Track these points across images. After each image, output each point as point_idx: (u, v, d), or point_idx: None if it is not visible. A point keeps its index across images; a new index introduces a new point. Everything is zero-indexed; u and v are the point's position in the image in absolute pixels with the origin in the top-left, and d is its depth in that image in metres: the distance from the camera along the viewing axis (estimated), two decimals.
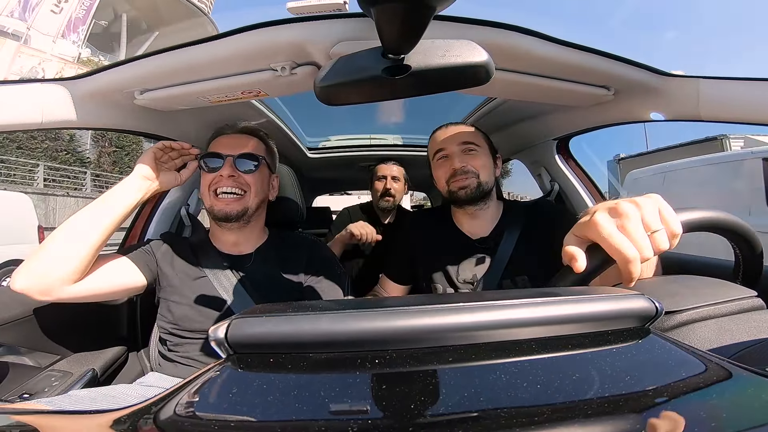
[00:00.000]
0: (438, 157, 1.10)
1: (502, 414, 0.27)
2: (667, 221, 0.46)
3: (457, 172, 1.05)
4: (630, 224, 0.45)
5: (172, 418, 0.28)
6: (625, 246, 0.44)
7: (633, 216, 0.46)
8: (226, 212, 0.97)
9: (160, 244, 1.04)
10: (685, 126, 30.91)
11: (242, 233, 1.05)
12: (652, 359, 0.34)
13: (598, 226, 0.46)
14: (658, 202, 0.48)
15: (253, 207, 1.01)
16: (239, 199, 0.98)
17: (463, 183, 1.04)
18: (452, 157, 1.06)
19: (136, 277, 0.94)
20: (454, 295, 0.94)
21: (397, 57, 0.59)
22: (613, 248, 0.45)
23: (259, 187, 1.02)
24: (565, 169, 1.54)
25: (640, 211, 0.46)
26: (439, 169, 1.09)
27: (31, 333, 0.98)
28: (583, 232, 0.49)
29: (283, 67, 0.85)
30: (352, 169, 2.51)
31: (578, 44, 0.87)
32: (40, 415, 0.38)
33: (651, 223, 0.46)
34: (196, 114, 1.17)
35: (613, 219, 0.47)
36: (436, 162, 1.11)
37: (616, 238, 0.45)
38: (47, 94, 0.90)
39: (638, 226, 0.45)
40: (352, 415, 0.27)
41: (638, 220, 0.46)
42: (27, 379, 0.94)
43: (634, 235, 0.45)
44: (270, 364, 0.33)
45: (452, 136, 1.09)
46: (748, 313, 0.47)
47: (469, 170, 1.05)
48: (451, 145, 1.07)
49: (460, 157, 1.06)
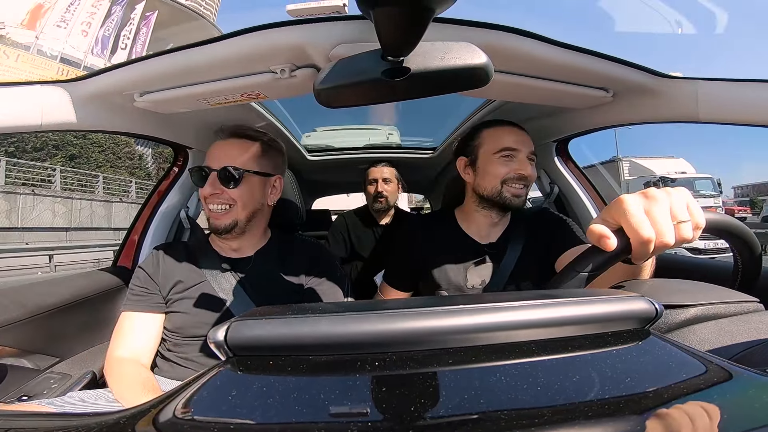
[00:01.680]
0: (503, 154, 1.05)
1: (503, 416, 0.27)
2: (694, 214, 0.47)
3: (524, 179, 1.04)
4: (657, 208, 0.46)
5: (171, 421, 0.28)
6: (644, 225, 0.45)
7: (662, 201, 0.47)
8: (216, 226, 0.98)
9: (155, 266, 1.02)
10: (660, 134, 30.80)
11: (241, 239, 1.05)
12: (652, 361, 0.34)
13: (624, 203, 0.47)
14: (687, 196, 0.49)
15: (243, 219, 0.99)
16: (227, 213, 0.98)
17: (520, 192, 1.04)
18: (523, 162, 1.05)
19: (157, 323, 0.98)
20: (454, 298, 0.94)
21: (397, 59, 0.59)
22: (631, 226, 0.46)
23: (246, 200, 0.99)
24: (565, 171, 1.54)
25: (669, 199, 0.47)
26: (500, 167, 1.04)
27: (30, 335, 0.97)
28: (610, 213, 0.49)
29: (282, 70, 0.85)
30: (352, 172, 2.52)
31: (577, 46, 0.87)
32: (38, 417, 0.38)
33: (679, 213, 0.47)
34: (195, 116, 1.18)
35: (641, 201, 0.47)
36: (497, 158, 1.05)
37: (637, 217, 0.46)
38: (47, 95, 0.90)
39: (665, 211, 0.46)
40: (352, 418, 0.27)
41: (666, 207, 0.47)
42: (26, 381, 0.94)
43: (658, 218, 0.46)
44: (269, 366, 0.33)
45: (526, 140, 1.08)
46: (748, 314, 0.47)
47: (531, 180, 1.06)
48: (524, 150, 1.06)
49: (530, 166, 1.05)
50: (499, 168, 1.04)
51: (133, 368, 0.87)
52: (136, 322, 0.96)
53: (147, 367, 0.92)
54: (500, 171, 1.04)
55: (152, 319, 0.97)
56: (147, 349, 0.95)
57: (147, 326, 0.96)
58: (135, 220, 1.42)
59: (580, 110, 1.21)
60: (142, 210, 1.42)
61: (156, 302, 0.98)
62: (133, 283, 1.01)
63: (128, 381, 0.84)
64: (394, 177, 2.08)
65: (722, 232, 0.55)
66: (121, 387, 0.81)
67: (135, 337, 0.94)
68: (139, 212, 1.43)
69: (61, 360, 1.04)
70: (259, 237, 1.08)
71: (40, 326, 1.00)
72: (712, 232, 0.53)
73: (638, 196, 0.48)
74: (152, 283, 0.99)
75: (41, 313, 1.00)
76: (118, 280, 1.26)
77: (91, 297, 1.16)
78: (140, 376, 0.86)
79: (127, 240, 1.40)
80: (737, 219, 0.58)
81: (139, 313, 0.97)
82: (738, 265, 0.62)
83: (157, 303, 0.98)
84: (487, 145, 1.08)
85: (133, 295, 0.99)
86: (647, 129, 46.71)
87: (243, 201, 0.98)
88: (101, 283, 1.23)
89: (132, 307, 0.97)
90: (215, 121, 1.30)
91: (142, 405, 0.31)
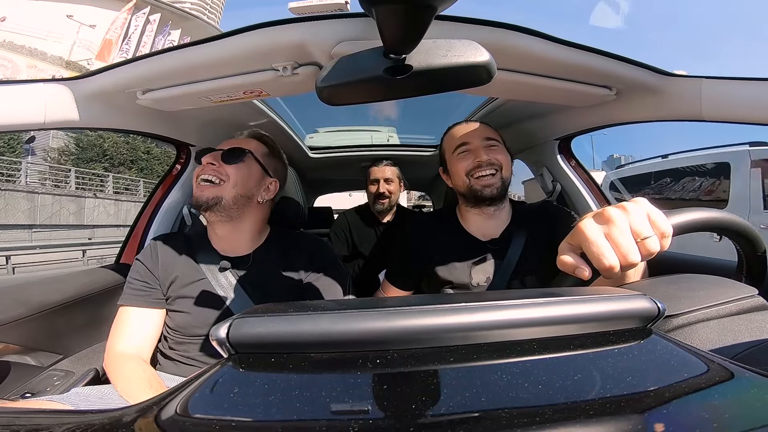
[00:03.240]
0: (460, 151, 1.08)
1: (504, 414, 0.27)
2: (657, 224, 0.46)
3: (482, 164, 1.04)
4: (615, 231, 0.45)
5: (173, 418, 0.28)
6: (605, 252, 0.44)
7: (619, 222, 0.45)
8: (198, 198, 0.97)
9: (154, 259, 1.01)
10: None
11: (229, 228, 1.03)
12: (654, 360, 0.34)
13: (582, 233, 0.47)
14: (646, 206, 0.47)
15: (229, 198, 0.97)
16: (214, 187, 0.97)
17: (489, 181, 1.04)
18: (476, 150, 1.06)
19: (157, 319, 0.98)
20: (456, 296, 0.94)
21: (399, 57, 0.58)
22: (593, 255, 0.45)
23: (239, 180, 0.99)
24: (567, 170, 1.54)
25: (627, 217, 0.46)
26: (460, 163, 1.08)
27: (33, 332, 0.98)
28: (573, 239, 0.49)
29: (284, 67, 0.85)
30: (354, 169, 2.52)
31: (580, 44, 0.87)
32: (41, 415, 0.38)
33: (641, 230, 0.45)
34: (198, 114, 1.18)
35: (600, 225, 0.46)
36: (456, 156, 1.10)
37: (597, 245, 0.45)
38: (50, 93, 0.91)
39: (624, 232, 0.45)
40: (353, 415, 0.27)
41: (625, 227, 0.45)
42: (29, 379, 0.94)
43: (620, 241, 0.45)
44: (271, 363, 0.33)
45: (475, 131, 1.10)
46: (750, 313, 0.46)
47: (494, 162, 1.05)
48: (475, 140, 1.07)
49: (485, 151, 1.05)
50: (459, 164, 1.08)
51: (135, 364, 0.87)
52: (136, 317, 0.95)
53: (148, 362, 0.92)
54: (461, 166, 1.08)
55: (153, 314, 0.97)
56: (147, 344, 0.95)
57: (147, 322, 0.96)
58: (138, 217, 1.42)
59: (582, 108, 1.21)
60: (146, 207, 1.43)
61: (156, 298, 0.98)
62: (132, 276, 1.00)
63: (133, 377, 0.84)
64: (396, 176, 2.06)
65: (698, 228, 0.52)
66: (126, 383, 0.82)
67: (135, 332, 0.94)
68: (142, 209, 1.44)
69: (64, 357, 1.04)
70: (255, 234, 1.07)
71: (44, 323, 1.00)
72: (686, 232, 0.51)
73: (596, 222, 0.47)
74: (152, 276, 0.99)
75: (45, 310, 1.00)
76: (121, 277, 1.27)
77: (94, 294, 1.17)
78: (144, 372, 0.86)
79: (130, 237, 1.41)
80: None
81: (138, 308, 0.96)
82: (741, 256, 0.60)
83: (158, 299, 0.98)
84: (447, 150, 1.15)
85: (132, 288, 0.98)
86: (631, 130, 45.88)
87: (235, 180, 0.98)
88: (104, 280, 1.24)
89: (132, 301, 0.96)
90: (218, 119, 1.30)
91: (144, 402, 0.31)
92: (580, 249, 0.48)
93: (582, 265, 0.47)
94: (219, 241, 1.05)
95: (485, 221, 1.11)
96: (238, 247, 1.05)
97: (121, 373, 0.85)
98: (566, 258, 0.48)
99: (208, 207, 0.97)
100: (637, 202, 0.48)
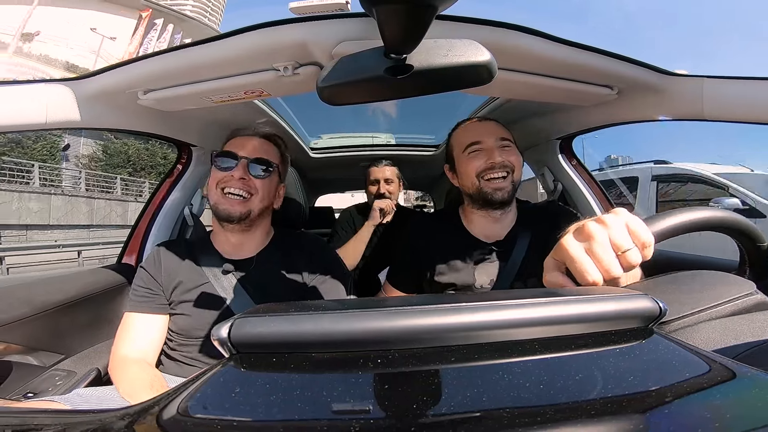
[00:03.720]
0: (471, 149, 1.04)
1: (505, 414, 0.26)
2: (637, 235, 0.46)
3: (496, 166, 1.01)
4: (596, 246, 0.45)
5: (175, 418, 0.28)
6: (587, 269, 0.45)
7: (599, 237, 0.45)
8: (230, 212, 0.98)
9: (157, 265, 1.02)
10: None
11: (244, 236, 1.05)
12: (655, 359, 0.33)
13: (565, 250, 0.47)
14: (625, 216, 0.47)
15: (257, 211, 1.01)
16: (244, 202, 0.99)
17: (500, 185, 1.01)
18: (490, 150, 1.02)
19: (161, 324, 0.98)
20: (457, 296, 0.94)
21: (400, 57, 0.58)
22: (576, 272, 0.45)
23: (265, 193, 1.02)
24: (569, 169, 1.53)
25: (607, 231, 0.46)
26: (471, 162, 1.04)
27: (36, 332, 0.98)
28: (557, 254, 0.49)
29: (285, 67, 0.85)
30: (355, 169, 2.52)
31: (581, 43, 0.87)
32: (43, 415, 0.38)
33: (621, 242, 0.45)
34: (199, 114, 1.18)
35: (580, 242, 0.46)
36: (467, 155, 1.05)
37: (579, 262, 0.45)
38: (51, 94, 0.91)
39: (604, 247, 0.45)
40: (355, 415, 0.27)
41: (605, 241, 0.45)
42: (31, 378, 0.94)
43: (601, 256, 0.45)
44: (273, 363, 0.33)
45: (489, 129, 1.05)
46: (752, 313, 0.46)
47: (507, 164, 1.02)
48: (489, 139, 1.03)
49: (499, 152, 1.02)
50: (470, 164, 1.04)
51: (139, 367, 0.88)
52: (140, 323, 0.96)
53: (152, 366, 0.93)
54: (472, 167, 1.03)
55: (157, 320, 0.97)
56: (152, 349, 0.95)
57: (151, 327, 0.96)
58: (139, 218, 1.42)
59: (584, 108, 1.21)
60: (146, 207, 1.43)
61: (160, 304, 0.98)
62: (136, 284, 1.01)
63: (136, 379, 0.84)
64: (396, 176, 2.05)
65: (680, 231, 0.52)
66: (129, 385, 0.82)
67: (140, 337, 0.95)
68: (143, 210, 1.44)
69: (66, 357, 1.05)
70: (261, 237, 1.08)
71: (46, 323, 1.00)
72: (669, 237, 0.51)
73: (576, 238, 0.47)
74: (155, 283, 0.99)
75: (47, 310, 1.00)
76: (122, 277, 1.27)
77: (96, 294, 1.17)
78: (148, 374, 0.87)
79: (131, 237, 1.41)
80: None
81: (143, 314, 0.97)
82: (742, 252, 0.59)
83: (161, 305, 0.98)
84: (457, 147, 1.10)
85: (137, 295, 0.99)
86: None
87: (263, 193, 1.01)
88: (106, 280, 1.24)
89: (136, 308, 0.98)
90: (218, 119, 1.30)
91: (145, 402, 0.31)
92: (564, 265, 0.48)
93: (567, 283, 0.47)
94: (224, 245, 1.06)
95: (491, 224, 1.09)
96: (244, 250, 1.06)
97: (124, 376, 0.85)
98: (551, 277, 0.49)
99: (238, 221, 0.98)
100: (617, 213, 0.48)
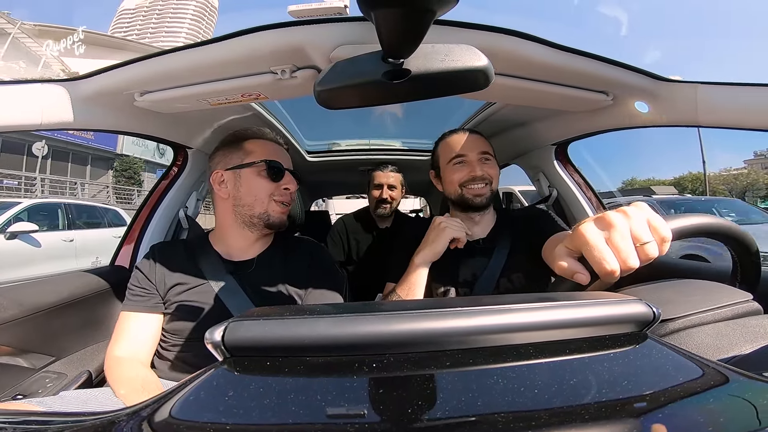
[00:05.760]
0: (455, 162, 1.14)
1: (500, 418, 0.26)
2: (657, 229, 0.46)
3: (477, 179, 1.11)
4: (616, 235, 0.45)
5: (166, 421, 0.28)
6: (606, 257, 0.44)
7: (620, 227, 0.46)
8: (283, 221, 1.03)
9: (151, 266, 1.01)
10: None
11: (257, 239, 1.06)
12: (649, 364, 0.34)
13: (583, 236, 0.47)
14: (646, 211, 0.47)
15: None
16: (287, 209, 1.05)
17: (480, 191, 1.11)
18: (471, 164, 1.12)
19: (156, 323, 0.98)
20: (452, 300, 0.94)
21: (397, 61, 0.59)
22: (594, 259, 0.45)
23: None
24: (564, 175, 1.54)
25: (628, 222, 0.46)
26: (455, 173, 1.14)
27: (27, 334, 0.97)
28: (573, 244, 0.49)
29: (283, 71, 0.85)
30: (352, 173, 2.51)
31: (577, 49, 0.88)
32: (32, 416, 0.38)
33: (641, 234, 0.45)
34: (196, 116, 1.18)
35: (600, 230, 0.46)
36: (451, 165, 1.15)
37: (598, 250, 0.45)
38: (47, 94, 0.90)
39: (625, 237, 0.45)
40: (349, 419, 0.27)
41: (626, 231, 0.45)
42: (21, 380, 0.93)
43: (620, 245, 0.45)
44: (266, 367, 0.33)
45: (472, 144, 1.15)
46: (745, 318, 0.47)
47: (486, 177, 1.11)
48: (472, 153, 1.13)
49: (480, 165, 1.12)
50: (454, 175, 1.14)
51: (133, 367, 0.87)
52: (135, 322, 0.96)
53: (147, 366, 0.92)
54: (455, 177, 1.13)
55: (151, 319, 0.97)
56: (146, 348, 0.95)
57: (146, 326, 0.96)
58: (133, 220, 1.41)
59: (579, 114, 1.22)
60: (141, 210, 1.41)
61: (154, 303, 0.98)
62: (132, 283, 1.00)
63: (130, 380, 0.83)
64: (399, 183, 2.06)
65: (695, 234, 0.53)
66: (123, 386, 0.81)
67: (134, 336, 0.94)
68: (137, 212, 1.42)
69: (57, 359, 1.03)
70: (265, 240, 1.09)
71: (37, 325, 0.99)
72: (684, 237, 0.52)
73: (596, 226, 0.47)
74: (149, 283, 0.99)
75: (38, 311, 0.99)
76: (114, 279, 1.26)
77: (88, 296, 1.16)
78: (142, 375, 0.86)
79: (125, 240, 1.40)
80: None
81: (138, 313, 0.96)
82: (735, 261, 0.61)
83: (156, 304, 0.98)
84: (442, 156, 1.19)
85: (132, 295, 0.99)
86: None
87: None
88: (98, 282, 1.23)
89: (131, 307, 0.97)
90: (215, 121, 1.30)
91: (137, 405, 0.30)
92: (577, 253, 0.48)
93: (581, 270, 0.47)
94: (223, 246, 1.05)
95: (472, 226, 1.16)
96: (246, 251, 1.05)
97: (118, 376, 0.85)
98: (564, 263, 0.48)
99: (280, 227, 1.04)
100: (639, 207, 0.48)
